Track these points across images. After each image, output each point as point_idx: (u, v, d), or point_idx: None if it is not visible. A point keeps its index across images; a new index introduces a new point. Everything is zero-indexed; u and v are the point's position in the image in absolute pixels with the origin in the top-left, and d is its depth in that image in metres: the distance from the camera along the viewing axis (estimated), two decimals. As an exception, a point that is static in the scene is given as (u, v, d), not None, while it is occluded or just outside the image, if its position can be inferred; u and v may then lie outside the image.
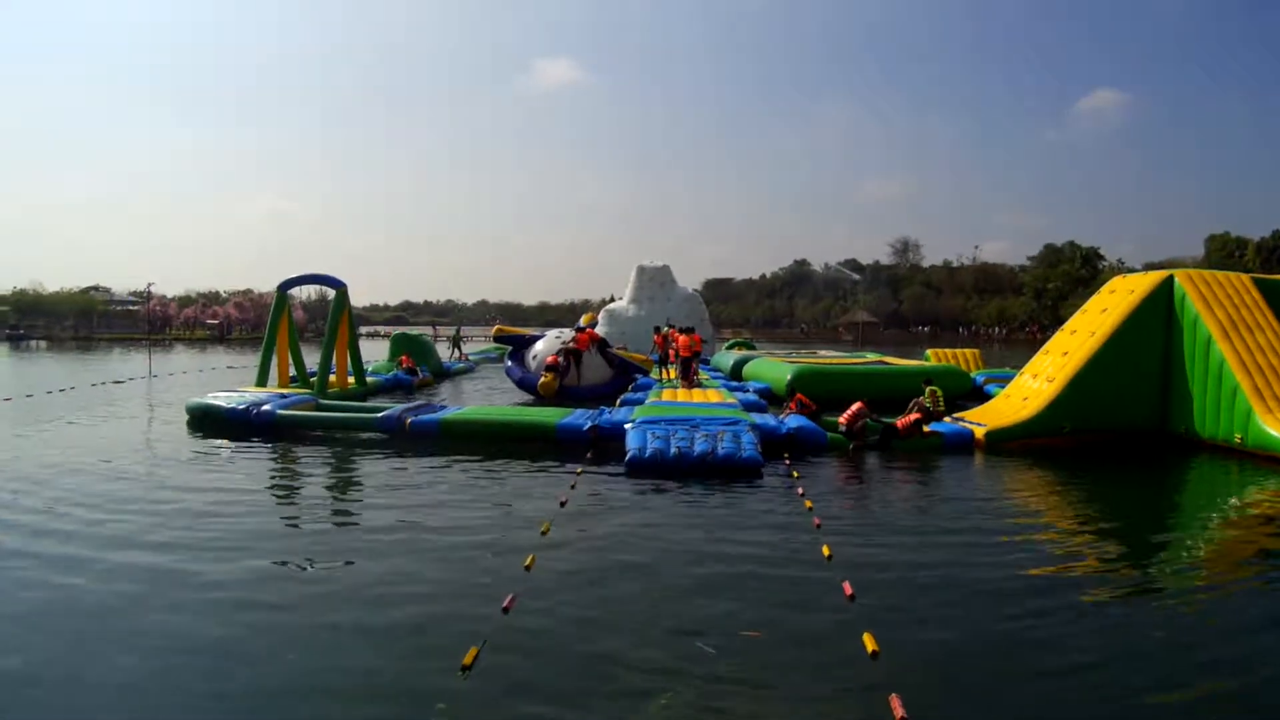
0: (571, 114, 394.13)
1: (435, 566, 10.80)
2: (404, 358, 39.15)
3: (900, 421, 20.46)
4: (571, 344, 32.52)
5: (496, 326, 36.78)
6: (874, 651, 7.84)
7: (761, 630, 8.55)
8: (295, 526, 13.18)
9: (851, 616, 8.86)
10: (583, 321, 39.08)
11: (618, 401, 27.20)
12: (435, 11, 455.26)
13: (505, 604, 8.97)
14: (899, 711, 6.59)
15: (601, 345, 33.15)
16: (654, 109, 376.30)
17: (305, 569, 10.78)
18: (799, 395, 23.22)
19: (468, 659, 7.50)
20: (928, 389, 22.55)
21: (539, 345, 32.48)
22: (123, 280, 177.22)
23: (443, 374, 42.28)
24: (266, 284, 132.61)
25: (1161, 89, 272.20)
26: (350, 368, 31.95)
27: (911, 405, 21.84)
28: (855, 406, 20.46)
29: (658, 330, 36.84)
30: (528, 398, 31.04)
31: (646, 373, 34.21)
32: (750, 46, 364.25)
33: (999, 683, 7.58)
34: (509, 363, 33.01)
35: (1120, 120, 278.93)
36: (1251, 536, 13.84)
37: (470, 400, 31.61)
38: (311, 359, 32.02)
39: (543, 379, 29.59)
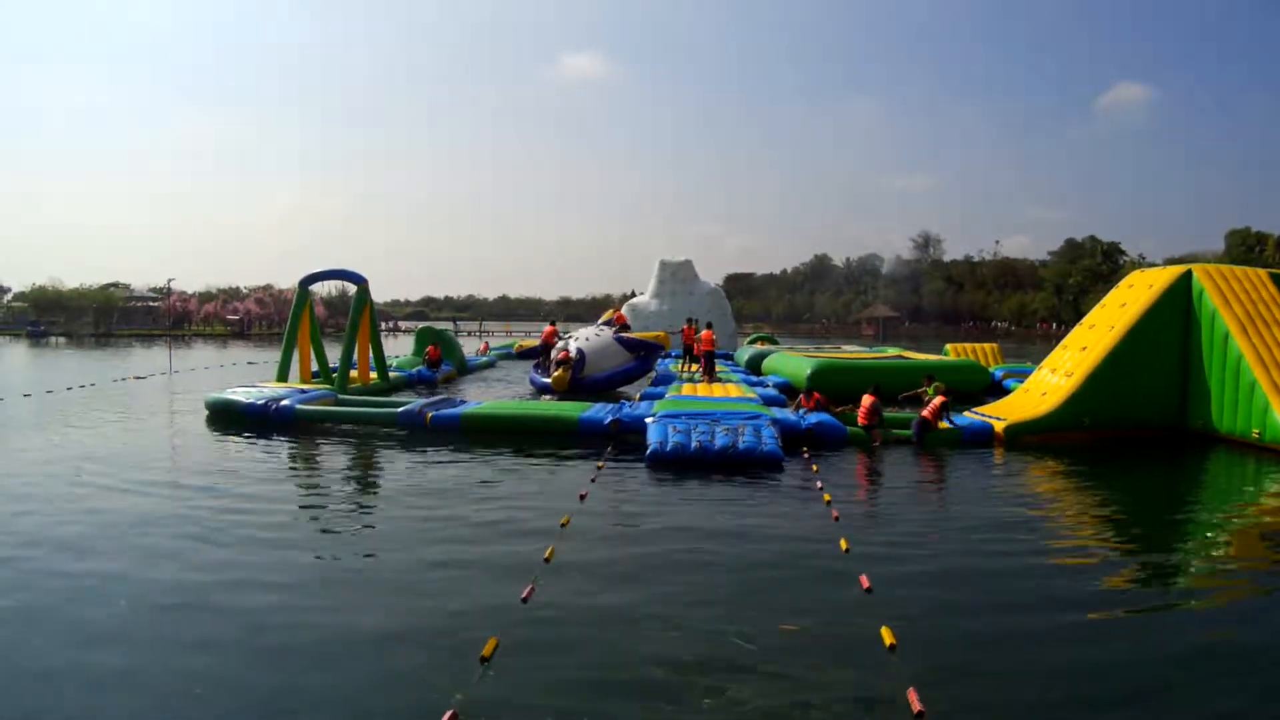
0: (597, 108, 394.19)
1: (455, 558, 10.90)
2: (431, 349, 38.98)
3: (927, 411, 20.54)
4: (614, 325, 33.18)
5: (518, 344, 36.71)
6: (891, 644, 7.88)
7: (793, 623, 8.62)
8: (315, 520, 13.28)
9: (869, 609, 8.91)
10: (606, 317, 39.23)
11: (638, 396, 27.22)
12: (461, 4, 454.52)
13: (524, 594, 9.06)
14: (916, 705, 6.62)
15: (623, 328, 33.33)
16: (680, 103, 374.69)
17: (327, 563, 10.91)
18: (811, 396, 23.13)
19: (487, 650, 7.57)
20: (931, 385, 22.65)
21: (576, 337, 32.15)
22: (143, 276, 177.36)
23: (466, 369, 42.28)
24: (287, 280, 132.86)
25: (1185, 83, 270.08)
26: (372, 363, 31.93)
27: (906, 397, 22.33)
28: (867, 401, 20.56)
29: (690, 322, 36.83)
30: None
31: (665, 349, 34.22)
32: (777, 41, 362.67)
33: (1017, 676, 7.63)
34: (533, 373, 32.79)
35: (1143, 114, 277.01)
36: (1270, 530, 13.82)
37: (493, 395, 31.55)
38: (333, 355, 32.03)
39: (555, 374, 29.36)
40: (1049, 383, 22.94)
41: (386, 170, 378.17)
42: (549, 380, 29.88)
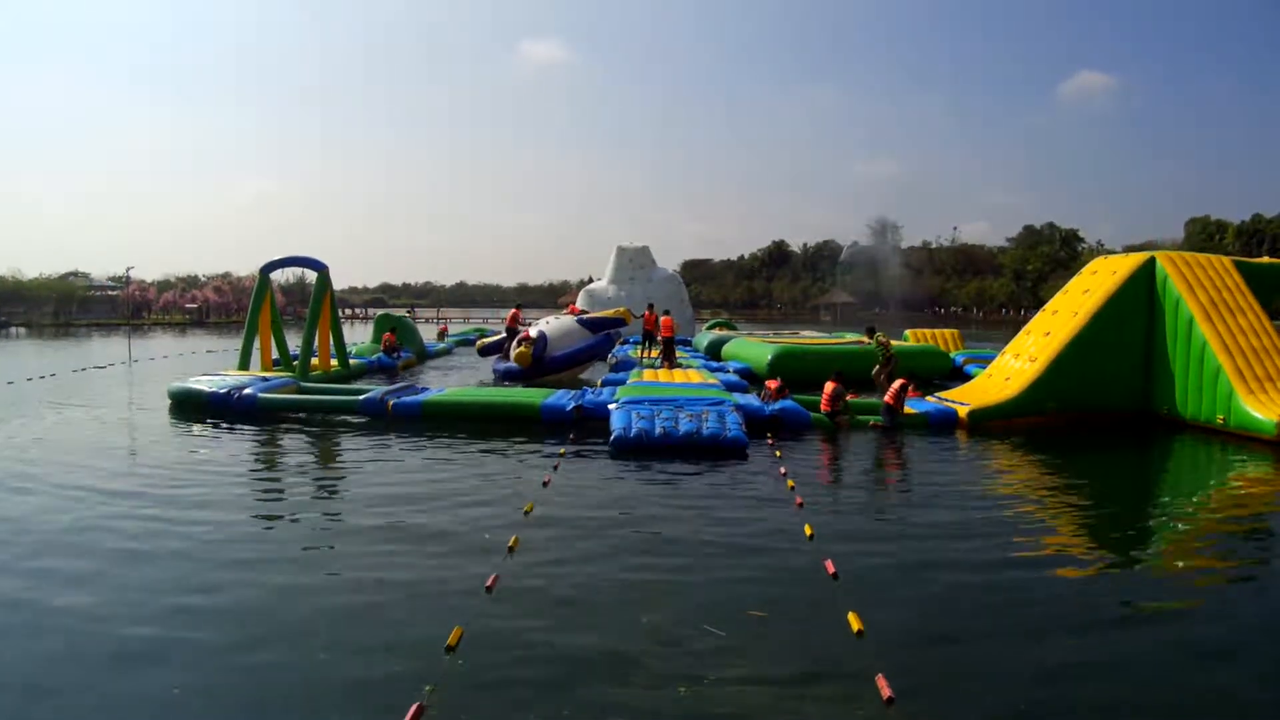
0: (556, 95, 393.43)
1: (418, 547, 10.78)
2: (388, 335, 38.81)
3: (889, 396, 20.54)
4: (566, 313, 33.93)
5: (479, 342, 36.73)
6: (859, 630, 7.83)
7: (760, 610, 8.55)
8: (277, 508, 13.15)
9: (835, 595, 8.86)
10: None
11: (599, 382, 27.12)
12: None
13: (488, 584, 8.95)
14: (886, 691, 6.57)
15: (579, 316, 33.70)
16: (639, 89, 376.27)
17: (288, 550, 10.76)
18: (775, 384, 23.03)
19: (452, 640, 7.47)
20: (874, 340, 22.69)
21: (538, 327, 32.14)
22: (102, 265, 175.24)
23: (425, 355, 42.13)
24: (245, 268, 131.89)
25: (1145, 73, 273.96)
26: (333, 350, 31.75)
27: (878, 374, 22.37)
28: (829, 387, 20.50)
29: (650, 308, 36.86)
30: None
31: (626, 323, 34.31)
32: (738, 28, 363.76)
33: (986, 659, 7.59)
34: (497, 366, 32.65)
35: (1103, 103, 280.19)
36: (1235, 515, 13.92)
37: (454, 382, 31.29)
38: (293, 342, 31.72)
39: (517, 350, 29.36)
40: (1012, 368, 23.05)
41: (345, 158, 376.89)
42: (512, 362, 29.85)
